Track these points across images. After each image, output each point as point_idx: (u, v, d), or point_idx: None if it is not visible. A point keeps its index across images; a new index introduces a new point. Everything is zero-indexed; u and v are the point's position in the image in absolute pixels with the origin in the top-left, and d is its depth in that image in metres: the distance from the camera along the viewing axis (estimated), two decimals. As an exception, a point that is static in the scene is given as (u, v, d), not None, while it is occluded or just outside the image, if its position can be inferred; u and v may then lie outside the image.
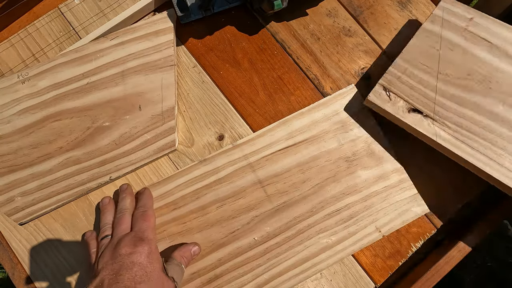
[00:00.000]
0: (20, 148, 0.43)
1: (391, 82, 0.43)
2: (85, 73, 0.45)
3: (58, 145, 0.44)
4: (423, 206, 0.44)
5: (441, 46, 0.43)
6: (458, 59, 0.43)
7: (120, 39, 0.46)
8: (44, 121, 0.44)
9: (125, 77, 0.45)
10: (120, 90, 0.45)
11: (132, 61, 0.45)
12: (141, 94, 0.45)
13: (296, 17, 0.50)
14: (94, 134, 0.44)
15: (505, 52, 0.42)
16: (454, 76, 0.42)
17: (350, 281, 0.43)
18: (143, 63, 0.45)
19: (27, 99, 0.44)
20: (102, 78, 0.45)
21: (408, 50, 0.44)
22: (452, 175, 0.46)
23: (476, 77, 0.42)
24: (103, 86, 0.45)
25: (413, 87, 0.43)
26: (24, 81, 0.44)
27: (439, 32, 0.44)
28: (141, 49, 0.46)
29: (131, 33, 0.46)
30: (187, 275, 0.42)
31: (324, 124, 0.45)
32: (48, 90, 0.45)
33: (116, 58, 0.45)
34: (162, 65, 0.45)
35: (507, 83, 0.41)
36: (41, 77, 0.45)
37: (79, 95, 0.45)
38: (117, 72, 0.45)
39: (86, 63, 0.45)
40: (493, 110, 0.41)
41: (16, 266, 0.43)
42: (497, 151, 0.39)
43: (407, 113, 0.42)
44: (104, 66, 0.45)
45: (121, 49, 0.46)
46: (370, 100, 0.43)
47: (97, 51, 0.45)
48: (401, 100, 0.43)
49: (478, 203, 0.46)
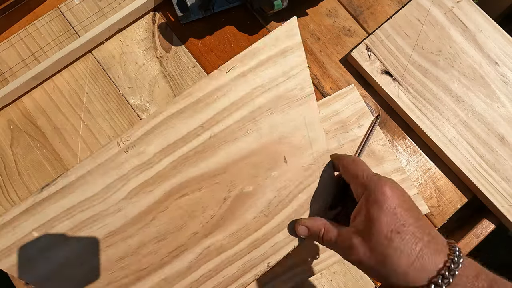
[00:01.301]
0: (142, 244, 0.32)
1: (374, 43, 0.48)
2: (204, 124, 0.33)
3: (191, 230, 0.33)
4: (423, 206, 0.44)
5: (426, 20, 0.48)
6: (436, 35, 0.48)
7: (239, 69, 0.34)
8: (166, 201, 0.33)
9: (257, 120, 0.34)
10: (254, 139, 0.34)
11: (261, 97, 0.34)
12: (282, 140, 0.34)
13: (296, 17, 0.50)
14: (234, 206, 0.33)
15: (474, 37, 0.48)
16: (428, 50, 0.48)
17: (350, 281, 0.43)
18: (275, 96, 0.34)
19: (137, 173, 0.32)
20: (227, 127, 0.34)
21: (396, 18, 0.49)
22: (452, 175, 0.46)
23: (444, 54, 0.48)
24: (231, 137, 0.34)
25: (391, 51, 0.48)
26: (127, 149, 0.32)
27: (428, 7, 0.48)
28: (269, 78, 0.35)
29: (251, 57, 0.35)
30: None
31: (324, 124, 0.45)
32: (161, 156, 0.33)
33: (239, 96, 0.34)
34: (299, 95, 0.35)
35: (466, 64, 0.47)
36: (148, 140, 0.33)
37: (203, 155, 0.33)
38: (245, 115, 0.34)
39: (203, 110, 0.33)
40: (449, 85, 0.47)
41: (16, 266, 0.43)
42: (441, 120, 0.46)
43: (379, 74, 0.47)
44: (226, 109, 0.34)
45: (244, 82, 0.34)
46: (352, 56, 0.47)
47: (213, 91, 0.34)
48: (378, 61, 0.47)
49: (478, 203, 0.46)
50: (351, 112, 0.46)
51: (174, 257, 0.33)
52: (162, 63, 0.48)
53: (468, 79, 0.47)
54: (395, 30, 0.48)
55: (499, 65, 0.47)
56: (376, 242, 0.26)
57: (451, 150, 0.44)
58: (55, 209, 0.31)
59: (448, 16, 0.48)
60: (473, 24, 0.48)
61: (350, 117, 0.46)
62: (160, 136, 0.33)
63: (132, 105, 0.47)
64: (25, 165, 0.45)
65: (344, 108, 0.46)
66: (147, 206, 0.32)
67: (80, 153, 0.46)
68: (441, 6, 0.49)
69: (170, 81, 0.48)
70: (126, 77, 0.48)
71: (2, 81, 0.47)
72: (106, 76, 0.48)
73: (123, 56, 0.48)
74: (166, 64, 0.48)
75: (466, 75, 0.47)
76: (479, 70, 0.47)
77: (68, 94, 0.47)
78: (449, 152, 0.44)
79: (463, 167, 0.44)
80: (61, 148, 0.46)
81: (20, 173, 0.45)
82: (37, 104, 0.47)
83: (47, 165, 0.45)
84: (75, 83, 0.48)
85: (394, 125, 0.47)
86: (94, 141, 0.46)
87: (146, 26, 0.50)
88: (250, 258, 0.33)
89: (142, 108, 0.47)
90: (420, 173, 0.46)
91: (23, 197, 0.44)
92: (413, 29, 0.48)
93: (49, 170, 0.45)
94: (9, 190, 0.44)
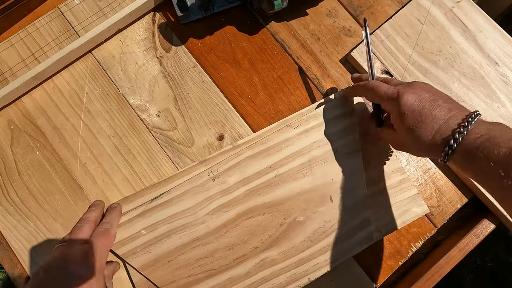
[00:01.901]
0: (216, 250, 0.42)
1: (374, 43, 0.48)
2: (273, 165, 0.43)
3: (253, 245, 0.42)
4: (423, 206, 0.44)
5: (426, 20, 0.48)
6: (436, 35, 0.48)
7: (303, 127, 0.44)
8: (237, 220, 0.42)
9: (312, 166, 0.43)
10: (309, 181, 0.43)
11: (317, 149, 0.44)
12: (330, 184, 0.43)
13: (296, 17, 0.50)
14: (288, 230, 0.42)
15: (474, 37, 0.48)
16: (428, 50, 0.48)
17: (350, 281, 0.43)
18: (328, 150, 0.44)
19: (219, 197, 0.43)
20: (289, 170, 0.43)
21: (397, 18, 0.49)
22: (452, 175, 0.46)
23: (444, 54, 0.48)
24: (291, 178, 0.43)
25: (391, 51, 0.48)
26: (214, 178, 0.43)
27: (428, 7, 0.48)
28: (325, 135, 0.44)
29: (314, 119, 0.44)
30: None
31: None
32: (238, 186, 0.43)
33: (301, 147, 0.44)
34: (348, 150, 0.44)
35: (467, 64, 0.47)
36: (231, 173, 0.43)
37: (269, 189, 0.43)
38: (304, 162, 0.43)
39: (273, 155, 0.44)
40: (449, 85, 0.47)
41: (16, 266, 0.43)
42: None
43: (379, 74, 0.47)
44: (290, 156, 0.44)
45: (305, 137, 0.44)
46: (352, 56, 0.47)
47: (282, 141, 0.44)
48: (378, 61, 0.48)
49: (478, 203, 0.46)
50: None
51: (238, 263, 0.42)
52: (162, 63, 0.48)
53: (468, 79, 0.47)
54: (395, 30, 0.48)
55: (499, 65, 0.47)
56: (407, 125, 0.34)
57: (451, 150, 0.44)
58: (159, 216, 0.42)
59: (448, 16, 0.49)
60: (473, 24, 0.48)
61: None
62: (239, 171, 0.43)
63: (132, 105, 0.47)
64: (25, 165, 0.45)
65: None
66: (223, 222, 0.42)
67: (80, 153, 0.46)
68: (441, 6, 0.49)
69: (170, 81, 0.48)
70: (126, 77, 0.48)
71: (2, 81, 0.47)
72: (106, 76, 0.48)
73: (123, 56, 0.48)
74: (166, 64, 0.48)
75: (466, 75, 0.47)
76: (479, 70, 0.47)
77: (68, 94, 0.47)
78: (449, 152, 0.44)
79: (463, 167, 0.44)
80: (61, 148, 0.46)
81: (20, 173, 0.45)
82: (37, 104, 0.47)
83: (47, 165, 0.45)
84: (75, 83, 0.48)
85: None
86: (94, 141, 0.46)
87: (146, 26, 0.50)
88: (295, 272, 0.41)
89: (142, 108, 0.47)
90: (420, 173, 0.46)
91: (23, 197, 0.44)
92: (413, 29, 0.48)
93: (49, 170, 0.45)
94: (9, 190, 0.44)
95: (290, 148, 0.44)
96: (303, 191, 0.43)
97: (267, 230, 0.42)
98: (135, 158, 0.46)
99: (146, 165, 0.46)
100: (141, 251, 0.41)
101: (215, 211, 0.42)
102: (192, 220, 0.42)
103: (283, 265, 0.42)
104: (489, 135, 0.29)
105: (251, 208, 0.43)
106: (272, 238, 0.42)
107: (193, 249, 0.42)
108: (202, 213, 0.42)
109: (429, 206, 0.45)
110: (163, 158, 0.46)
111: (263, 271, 0.41)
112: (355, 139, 0.44)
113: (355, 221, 0.43)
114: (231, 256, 0.42)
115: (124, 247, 0.41)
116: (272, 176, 0.43)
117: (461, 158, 0.31)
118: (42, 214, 0.44)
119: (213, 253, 0.42)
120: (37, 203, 0.44)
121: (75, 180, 0.45)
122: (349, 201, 0.43)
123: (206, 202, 0.43)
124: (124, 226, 0.42)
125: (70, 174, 0.45)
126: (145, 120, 0.47)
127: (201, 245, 0.42)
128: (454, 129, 0.31)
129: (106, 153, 0.46)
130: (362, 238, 0.42)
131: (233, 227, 0.42)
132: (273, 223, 0.42)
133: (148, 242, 0.41)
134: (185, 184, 0.43)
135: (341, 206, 0.43)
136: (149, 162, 0.46)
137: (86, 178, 0.45)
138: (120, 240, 0.41)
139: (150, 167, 0.46)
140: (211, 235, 0.42)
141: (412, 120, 0.34)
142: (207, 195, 0.43)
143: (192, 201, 0.42)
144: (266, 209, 0.43)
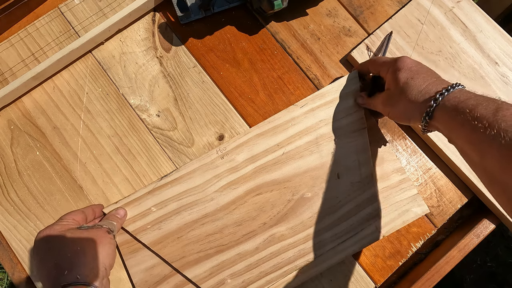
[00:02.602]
0: (225, 226, 0.42)
1: (374, 43, 0.48)
2: (280, 143, 0.44)
3: (262, 221, 0.43)
4: (423, 206, 0.44)
5: (426, 20, 0.48)
6: (436, 35, 0.48)
7: (310, 106, 0.45)
8: (246, 196, 0.43)
9: (319, 144, 0.44)
10: (316, 158, 0.44)
11: (324, 127, 0.44)
12: (337, 161, 0.44)
13: (296, 17, 0.50)
14: (295, 207, 0.43)
15: (474, 37, 0.48)
16: (428, 50, 0.48)
17: (350, 281, 0.43)
18: (335, 128, 0.44)
19: (227, 174, 0.43)
20: (297, 147, 0.44)
21: (397, 18, 0.49)
22: (452, 175, 0.46)
23: (444, 54, 0.48)
24: (299, 155, 0.44)
25: (391, 51, 0.48)
26: (223, 156, 0.43)
27: (428, 7, 0.48)
28: (332, 114, 0.45)
29: (320, 98, 0.45)
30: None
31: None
32: (246, 163, 0.43)
33: (308, 125, 0.44)
34: (354, 129, 0.44)
35: (467, 64, 0.47)
36: (239, 151, 0.44)
37: (276, 166, 0.44)
38: (311, 140, 0.44)
39: (280, 133, 0.44)
40: None
41: (16, 266, 0.43)
42: None
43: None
44: (297, 134, 0.44)
45: (312, 115, 0.45)
46: (352, 56, 0.48)
47: (289, 120, 0.44)
48: None
49: (478, 203, 0.46)
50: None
51: (247, 239, 0.42)
52: (162, 63, 0.48)
53: (468, 79, 0.47)
54: (395, 30, 0.48)
55: (499, 65, 0.47)
56: (398, 84, 0.37)
57: (451, 150, 0.44)
58: (169, 193, 0.43)
59: (448, 16, 0.49)
60: (473, 24, 0.48)
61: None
62: (247, 149, 0.44)
63: (132, 105, 0.47)
64: (25, 165, 0.45)
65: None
66: (231, 199, 0.43)
67: (80, 153, 0.46)
68: (441, 6, 0.49)
69: (170, 81, 0.48)
70: (126, 77, 0.48)
71: (2, 81, 0.47)
72: (106, 76, 0.48)
73: (123, 56, 0.48)
74: (166, 64, 0.48)
75: (466, 75, 0.47)
76: (479, 70, 0.47)
77: (68, 94, 0.47)
78: (449, 152, 0.44)
79: (463, 167, 0.44)
80: (61, 148, 0.46)
81: (20, 173, 0.45)
82: (37, 104, 0.47)
83: (47, 165, 0.45)
84: (75, 83, 0.48)
85: (394, 125, 0.47)
86: (94, 141, 0.46)
87: (146, 26, 0.50)
88: (304, 248, 0.42)
89: (142, 108, 0.47)
90: (420, 173, 0.46)
91: (23, 197, 0.44)
92: (413, 29, 0.48)
93: (49, 170, 0.45)
94: (9, 190, 0.44)
95: (297, 127, 0.44)
96: (310, 168, 0.44)
97: (275, 206, 0.43)
98: (135, 158, 0.46)
99: (146, 165, 0.46)
100: (151, 228, 0.42)
101: (224, 188, 0.43)
102: (201, 197, 0.43)
103: (291, 240, 0.42)
104: (476, 96, 0.32)
105: (259, 185, 0.43)
106: (280, 214, 0.43)
107: (203, 226, 0.42)
108: (211, 190, 0.43)
109: (429, 206, 0.45)
110: (163, 158, 0.46)
111: (271, 247, 0.42)
112: (361, 117, 0.44)
113: (362, 197, 0.43)
114: (240, 232, 0.42)
115: (134, 224, 0.42)
116: (279, 154, 0.44)
117: (447, 112, 0.32)
118: (42, 214, 0.44)
119: (223, 229, 0.42)
120: (37, 203, 0.44)
121: (75, 180, 0.45)
122: (356, 178, 0.43)
123: (215, 180, 0.43)
124: (134, 204, 0.42)
125: (70, 174, 0.45)
126: (145, 120, 0.47)
127: (211, 221, 0.42)
128: (447, 84, 0.34)
129: (106, 153, 0.46)
130: (369, 214, 0.43)
131: (242, 204, 0.43)
132: (281, 199, 0.43)
133: (158, 218, 0.42)
134: (194, 162, 0.43)
135: (348, 182, 0.43)
136: (149, 162, 0.46)
137: (86, 178, 0.45)
138: (131, 217, 0.42)
139: (150, 167, 0.46)
140: (220, 211, 0.43)
141: (408, 73, 0.36)
142: (216, 172, 0.43)
143: (201, 179, 0.43)
144: (274, 186, 0.43)
